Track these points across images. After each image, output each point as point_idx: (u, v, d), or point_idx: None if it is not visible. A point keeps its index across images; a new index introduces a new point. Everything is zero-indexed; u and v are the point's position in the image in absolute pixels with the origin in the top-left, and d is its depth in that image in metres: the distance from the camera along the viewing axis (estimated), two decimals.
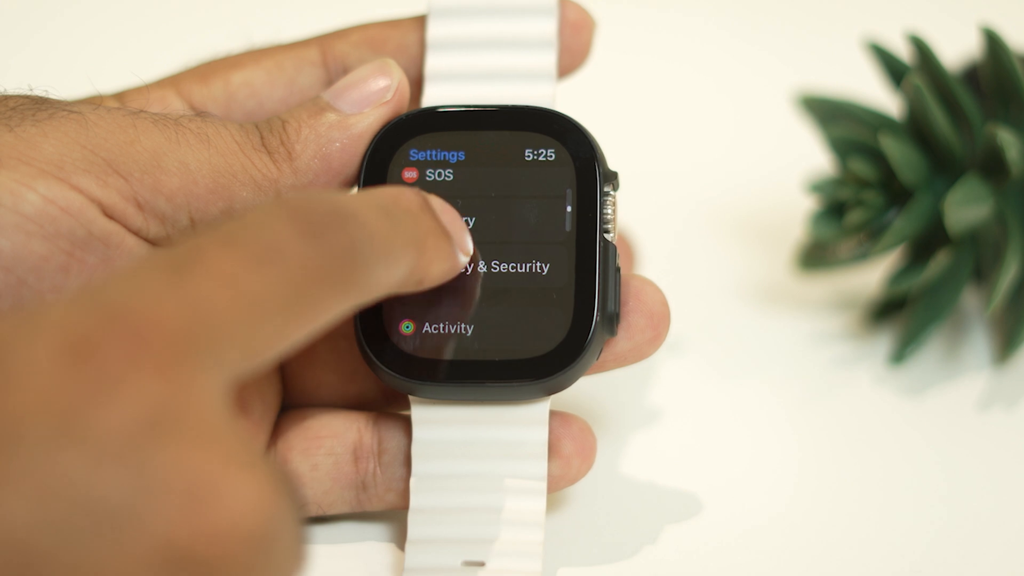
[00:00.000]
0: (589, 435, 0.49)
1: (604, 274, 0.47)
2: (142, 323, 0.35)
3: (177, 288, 0.36)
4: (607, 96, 0.71)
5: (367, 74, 0.49)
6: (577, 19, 0.51)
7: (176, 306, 0.36)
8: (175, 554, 0.34)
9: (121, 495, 0.34)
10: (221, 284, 0.36)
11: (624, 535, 0.50)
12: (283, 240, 0.38)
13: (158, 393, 0.34)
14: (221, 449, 0.34)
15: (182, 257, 0.37)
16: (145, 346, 0.35)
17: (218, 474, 0.34)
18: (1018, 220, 0.58)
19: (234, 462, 0.34)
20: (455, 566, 0.47)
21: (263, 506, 0.34)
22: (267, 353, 0.37)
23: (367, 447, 0.49)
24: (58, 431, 0.34)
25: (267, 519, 0.34)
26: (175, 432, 0.34)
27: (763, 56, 0.77)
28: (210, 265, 0.37)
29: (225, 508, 0.34)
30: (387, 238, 0.41)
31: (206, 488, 0.34)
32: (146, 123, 0.46)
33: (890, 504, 0.52)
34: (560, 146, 0.49)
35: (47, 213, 0.44)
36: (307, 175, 0.48)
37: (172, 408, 0.34)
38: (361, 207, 0.41)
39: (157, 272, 0.36)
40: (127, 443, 0.34)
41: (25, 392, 0.34)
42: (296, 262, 0.38)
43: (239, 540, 0.34)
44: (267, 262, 0.37)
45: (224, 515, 0.34)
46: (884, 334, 0.61)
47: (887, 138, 0.57)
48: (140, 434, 0.34)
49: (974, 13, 0.64)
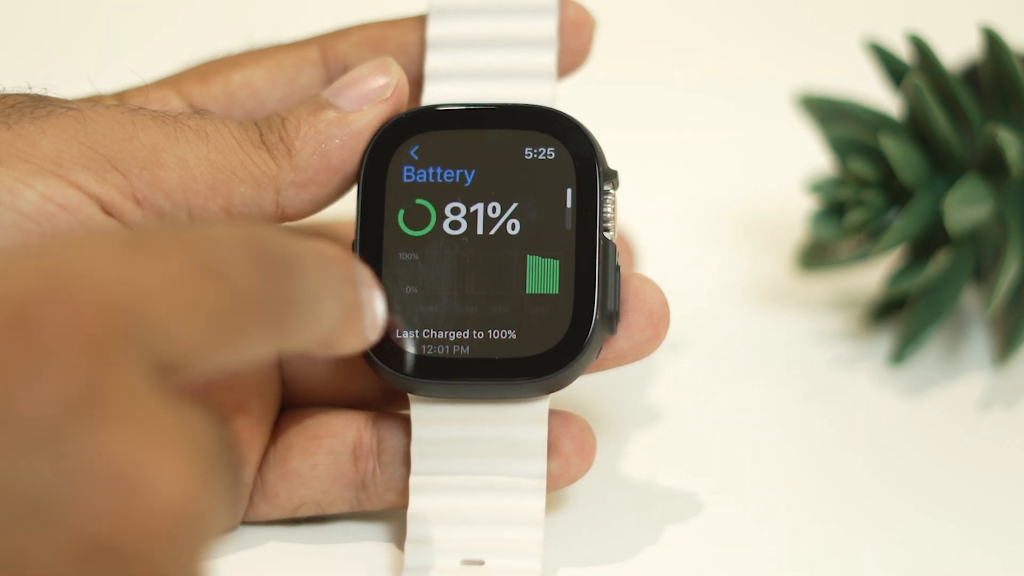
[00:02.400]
0: (589, 434, 0.49)
1: (604, 272, 0.47)
2: (83, 292, 0.34)
3: (125, 266, 0.35)
4: (607, 95, 0.71)
5: (366, 72, 0.49)
6: (577, 18, 0.51)
7: (118, 282, 0.35)
8: (101, 543, 0.33)
9: (43, 485, 0.33)
10: (167, 280, 0.36)
11: (624, 534, 0.50)
12: (235, 264, 0.38)
13: (85, 372, 0.34)
14: (146, 432, 0.34)
15: (138, 241, 0.36)
16: (80, 318, 0.34)
17: (141, 458, 0.33)
18: (1018, 220, 0.58)
19: (159, 445, 0.34)
20: (455, 565, 0.47)
21: (188, 489, 0.34)
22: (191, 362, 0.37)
23: (366, 446, 0.49)
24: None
25: (192, 502, 0.34)
26: (98, 415, 0.33)
27: (763, 56, 0.77)
28: (161, 259, 0.36)
29: (148, 495, 0.33)
30: (321, 295, 0.41)
31: (129, 474, 0.33)
32: (145, 120, 0.46)
33: (890, 504, 0.52)
34: (560, 145, 0.49)
35: (45, 211, 0.44)
36: (306, 172, 0.48)
37: (97, 389, 0.34)
38: (307, 257, 0.40)
39: (110, 246, 0.36)
40: (49, 429, 0.33)
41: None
42: (240, 288, 0.38)
43: (163, 527, 0.33)
44: (215, 277, 0.37)
45: (147, 502, 0.33)
46: (884, 334, 0.61)
47: (887, 138, 0.57)
48: (62, 418, 0.33)
49: (974, 13, 0.64)
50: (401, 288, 0.48)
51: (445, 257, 0.48)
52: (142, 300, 0.35)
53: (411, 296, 0.47)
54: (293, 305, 0.39)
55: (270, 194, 0.47)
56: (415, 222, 0.48)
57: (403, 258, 0.48)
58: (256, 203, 0.47)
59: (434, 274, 0.48)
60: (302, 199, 0.48)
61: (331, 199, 0.49)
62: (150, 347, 0.35)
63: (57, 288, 0.34)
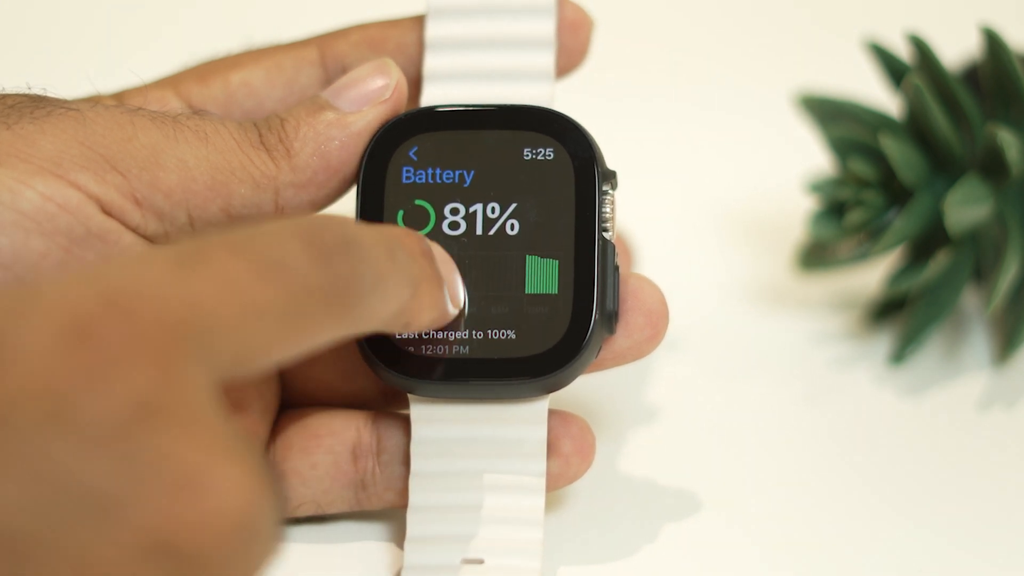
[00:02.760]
0: (588, 434, 0.49)
1: (603, 272, 0.47)
2: (142, 309, 0.35)
3: (180, 281, 0.36)
4: (606, 96, 0.71)
5: (365, 73, 0.49)
6: (575, 19, 0.51)
7: (176, 298, 0.36)
8: (160, 542, 0.34)
9: (108, 483, 0.34)
10: (223, 286, 0.37)
11: (623, 534, 0.50)
12: (291, 257, 0.38)
13: (150, 380, 0.34)
14: (209, 439, 0.35)
15: (188, 254, 0.37)
16: (142, 332, 0.35)
17: (205, 463, 0.34)
18: (1018, 220, 0.58)
19: (221, 452, 0.35)
20: (454, 564, 0.47)
21: (248, 497, 0.35)
22: (256, 361, 0.38)
23: (366, 446, 0.49)
24: (50, 415, 0.34)
25: (252, 509, 0.35)
26: (164, 421, 0.34)
27: (763, 56, 0.77)
28: (215, 266, 0.37)
29: (211, 498, 0.34)
30: (386, 274, 0.42)
31: (193, 477, 0.34)
32: (144, 120, 0.47)
33: (890, 504, 0.52)
34: (559, 145, 0.49)
35: (45, 210, 0.44)
36: (305, 173, 0.48)
37: (163, 397, 0.34)
38: (367, 239, 0.41)
39: (161, 263, 0.36)
40: (117, 431, 0.34)
41: (22, 373, 0.34)
42: (300, 280, 0.38)
43: (224, 530, 0.34)
44: (272, 275, 0.38)
45: (210, 505, 0.34)
46: (884, 334, 0.61)
47: (887, 138, 0.57)
48: (130, 422, 0.34)
49: (974, 13, 0.64)
50: None
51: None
52: (200, 311, 0.36)
53: None
54: (356, 288, 0.40)
55: (269, 195, 0.47)
56: (414, 223, 0.48)
57: None
58: (255, 204, 0.47)
59: None
60: (301, 200, 0.48)
61: (330, 200, 0.49)
62: (211, 356, 0.36)
63: (116, 306, 0.35)
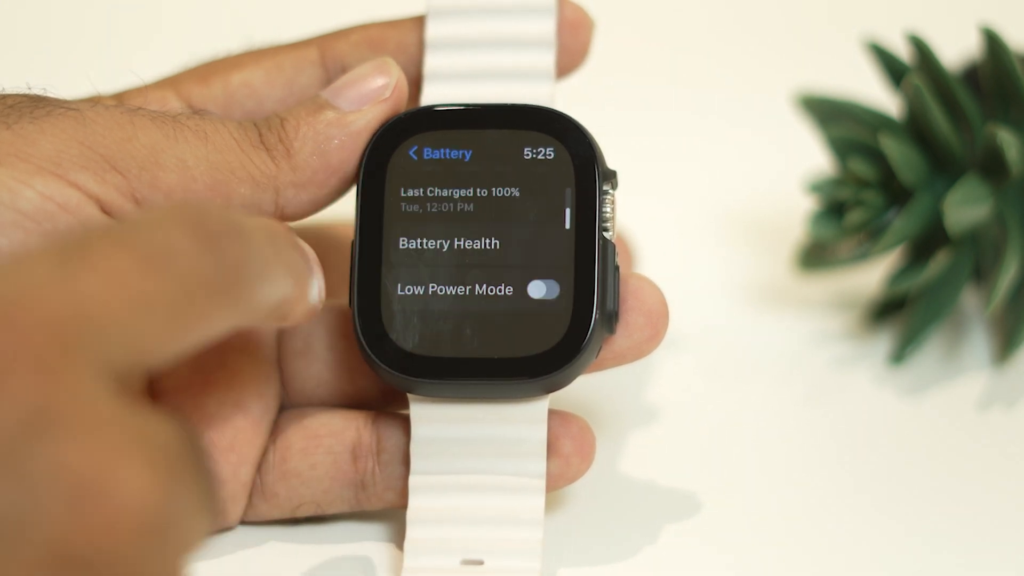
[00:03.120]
0: (588, 434, 0.49)
1: (603, 272, 0.47)
2: (22, 315, 0.34)
3: (62, 281, 0.35)
4: (606, 96, 0.71)
5: (365, 72, 0.49)
6: (575, 19, 0.51)
7: (60, 299, 0.35)
8: (66, 555, 0.33)
9: (5, 503, 0.33)
10: (108, 280, 0.36)
11: (623, 534, 0.50)
12: (177, 245, 0.37)
13: (38, 389, 0.34)
14: (106, 441, 0.34)
15: (70, 250, 0.36)
16: (26, 341, 0.34)
17: (103, 467, 0.34)
18: (1018, 220, 0.58)
19: (117, 452, 0.34)
20: (454, 565, 0.47)
21: (150, 494, 0.34)
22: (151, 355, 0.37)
23: (366, 446, 0.49)
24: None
25: (155, 506, 0.34)
26: (56, 429, 0.34)
27: (763, 56, 0.77)
28: (99, 261, 0.36)
29: (112, 500, 0.33)
30: (271, 262, 0.41)
31: (91, 484, 0.33)
32: (144, 120, 0.47)
33: (890, 504, 0.52)
34: (559, 145, 0.49)
35: (45, 210, 0.44)
36: (305, 172, 0.48)
37: (52, 404, 0.34)
38: (251, 226, 0.40)
39: (42, 264, 0.36)
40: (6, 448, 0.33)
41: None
42: (187, 268, 0.37)
43: (130, 533, 0.34)
44: (158, 264, 0.37)
45: (109, 511, 0.33)
46: (884, 334, 0.61)
47: (887, 138, 0.57)
48: (19, 437, 0.33)
49: (974, 13, 0.64)
50: (401, 287, 0.48)
51: (445, 247, 0.48)
52: (85, 309, 0.35)
53: (410, 295, 0.47)
54: (244, 275, 0.39)
55: (269, 194, 0.47)
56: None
57: (403, 246, 0.48)
58: (255, 203, 0.47)
59: (434, 273, 0.48)
60: (301, 199, 0.48)
61: (330, 199, 0.49)
62: (102, 354, 0.35)
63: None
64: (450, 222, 0.48)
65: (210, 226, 0.38)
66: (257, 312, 0.41)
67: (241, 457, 0.48)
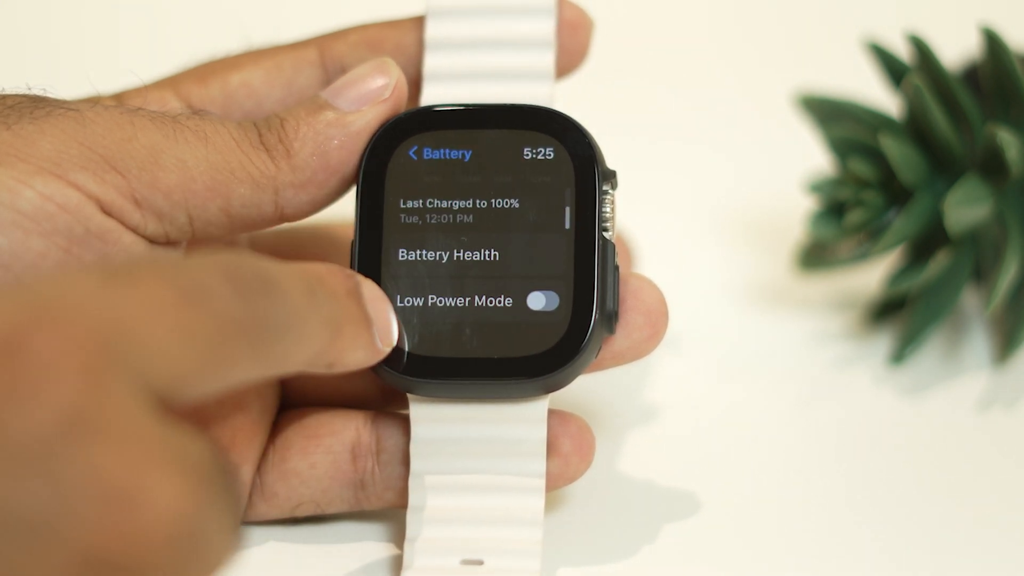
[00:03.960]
0: (587, 433, 0.49)
1: (603, 272, 0.47)
2: (70, 322, 0.35)
3: (108, 295, 0.36)
4: (606, 96, 0.71)
5: (365, 72, 0.49)
6: (575, 19, 0.51)
7: (106, 312, 0.36)
8: (95, 559, 0.33)
9: (38, 504, 0.33)
10: (151, 307, 0.37)
11: (623, 534, 0.50)
12: (214, 289, 0.38)
13: (78, 393, 0.34)
14: (141, 449, 0.34)
15: (118, 271, 0.37)
16: (70, 345, 0.34)
17: (136, 475, 0.34)
18: (1018, 220, 0.58)
19: (155, 462, 0.34)
20: (454, 565, 0.47)
21: (182, 505, 0.34)
22: (187, 384, 0.37)
23: (365, 446, 0.49)
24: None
25: (186, 518, 0.34)
26: (93, 433, 0.34)
27: (763, 56, 0.77)
28: (143, 287, 0.37)
29: (142, 511, 0.34)
30: (303, 316, 0.41)
31: (124, 490, 0.34)
32: (144, 120, 0.47)
33: (890, 504, 0.52)
34: (559, 145, 0.49)
35: (44, 210, 0.44)
36: (305, 172, 0.48)
37: (91, 408, 0.34)
38: (287, 279, 0.41)
39: (89, 280, 0.36)
40: (43, 449, 0.34)
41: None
42: (221, 311, 0.38)
43: (159, 541, 0.34)
44: (196, 303, 0.37)
45: (142, 518, 0.34)
46: (884, 334, 0.61)
47: (887, 138, 0.57)
48: (57, 437, 0.34)
49: (974, 13, 0.64)
50: (401, 288, 0.48)
51: (444, 257, 0.48)
52: (128, 326, 0.36)
53: (410, 307, 0.47)
54: (271, 328, 0.40)
55: (269, 195, 0.47)
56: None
57: (402, 258, 0.48)
58: (255, 204, 0.47)
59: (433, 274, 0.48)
60: (301, 200, 0.48)
61: (330, 200, 0.49)
62: (140, 369, 0.36)
63: (45, 319, 0.35)
64: (449, 233, 0.48)
65: (245, 277, 0.39)
66: (289, 363, 0.41)
67: (241, 457, 0.49)
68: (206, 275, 0.38)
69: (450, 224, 0.48)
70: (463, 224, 0.48)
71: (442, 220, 0.48)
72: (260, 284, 0.40)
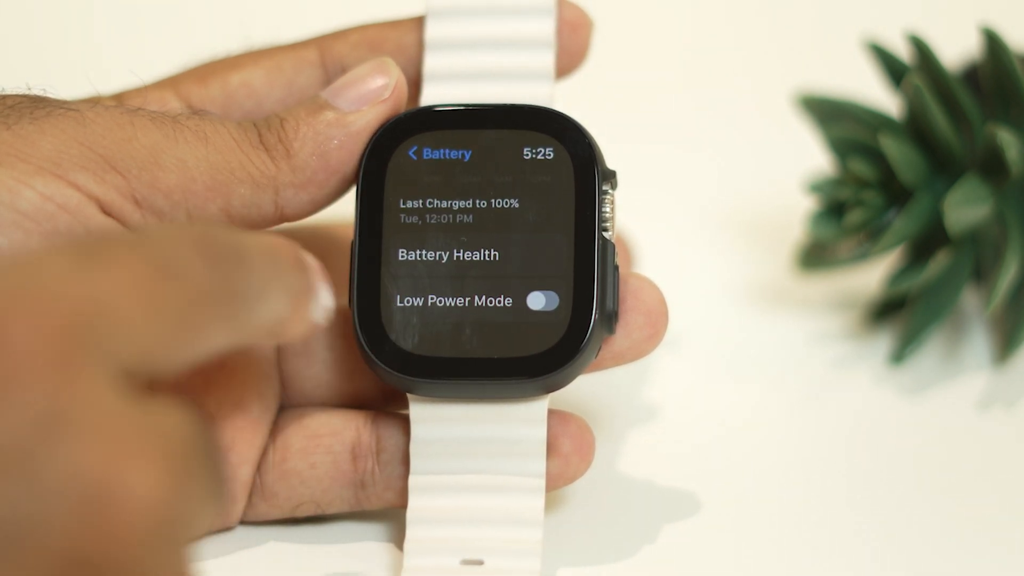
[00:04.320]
0: (587, 433, 0.49)
1: (603, 272, 0.47)
2: (40, 308, 0.34)
3: (78, 278, 0.36)
4: (605, 96, 0.71)
5: (365, 72, 0.49)
6: (574, 19, 0.51)
7: (76, 294, 0.35)
8: (77, 560, 0.33)
9: (16, 508, 0.33)
10: (123, 281, 0.36)
11: (623, 534, 0.50)
12: (185, 261, 0.38)
13: (53, 388, 0.34)
14: (115, 442, 0.34)
15: (87, 250, 0.37)
16: (41, 335, 0.34)
17: (112, 470, 0.34)
18: (1018, 220, 0.58)
19: (128, 452, 0.34)
20: (454, 565, 0.47)
21: (161, 492, 0.34)
22: (159, 358, 0.37)
23: (365, 446, 0.49)
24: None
25: (169, 503, 0.34)
26: (65, 431, 0.34)
27: (763, 56, 0.77)
28: (114, 262, 0.36)
29: (123, 503, 0.33)
30: (269, 282, 0.41)
31: (101, 486, 0.33)
32: (144, 120, 0.47)
33: (890, 504, 0.52)
34: (559, 145, 0.49)
35: (44, 210, 0.44)
36: (305, 172, 0.48)
37: (65, 406, 0.34)
38: (254, 248, 0.41)
39: (59, 261, 0.36)
40: (18, 451, 0.33)
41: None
42: (194, 282, 0.38)
43: (140, 534, 0.34)
44: (170, 275, 0.37)
45: (123, 511, 0.33)
46: (884, 334, 0.61)
47: (887, 138, 0.57)
48: (30, 438, 0.33)
49: (974, 13, 0.64)
50: (401, 288, 0.48)
51: (444, 257, 0.48)
52: (100, 307, 0.35)
53: (410, 306, 0.47)
54: (243, 296, 0.40)
55: (269, 195, 0.47)
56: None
57: (402, 258, 0.48)
58: (255, 204, 0.47)
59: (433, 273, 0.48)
60: (301, 200, 0.48)
61: (330, 200, 0.49)
62: (114, 353, 0.35)
63: (13, 308, 0.34)
64: (449, 233, 0.48)
65: (217, 247, 0.39)
66: (252, 331, 0.41)
67: (241, 457, 0.49)
68: (177, 247, 0.38)
69: (450, 224, 0.48)
70: (463, 224, 0.48)
71: (442, 220, 0.48)
72: (231, 254, 0.39)
